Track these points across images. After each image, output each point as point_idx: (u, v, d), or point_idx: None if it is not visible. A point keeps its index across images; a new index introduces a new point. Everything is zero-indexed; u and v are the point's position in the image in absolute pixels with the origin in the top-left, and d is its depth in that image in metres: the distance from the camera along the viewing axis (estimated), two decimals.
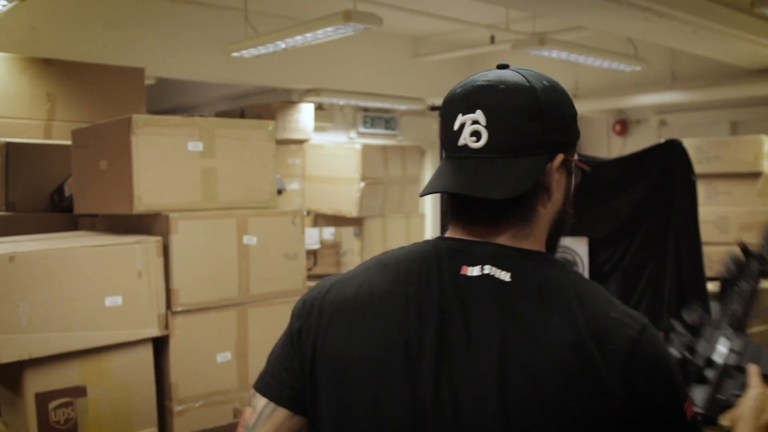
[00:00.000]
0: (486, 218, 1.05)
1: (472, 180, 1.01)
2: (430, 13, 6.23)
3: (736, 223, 4.92)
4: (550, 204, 1.07)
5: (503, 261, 1.02)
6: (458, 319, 0.99)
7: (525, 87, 1.03)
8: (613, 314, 0.98)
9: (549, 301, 0.98)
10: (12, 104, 3.59)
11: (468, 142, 1.02)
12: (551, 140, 1.03)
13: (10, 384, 2.12)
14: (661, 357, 0.98)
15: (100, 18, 5.61)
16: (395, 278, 1.06)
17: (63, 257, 2.09)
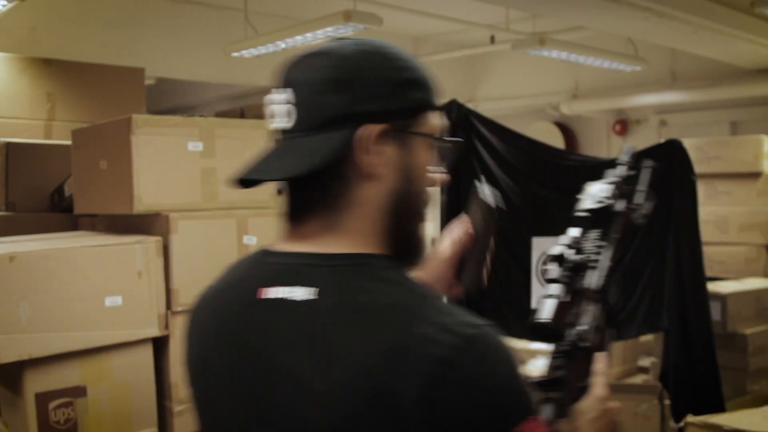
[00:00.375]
0: (295, 211, 0.95)
1: (265, 164, 0.93)
2: (430, 13, 6.23)
3: (736, 223, 4.92)
4: (376, 185, 0.92)
5: (301, 275, 0.90)
6: (253, 357, 0.89)
7: (332, 55, 0.93)
8: (425, 329, 0.81)
9: (352, 321, 0.84)
10: (12, 104, 3.59)
11: (282, 122, 0.94)
12: (360, 111, 0.90)
13: (10, 384, 2.12)
14: (485, 378, 0.81)
15: (100, 18, 5.61)
16: (212, 301, 1.00)
17: (63, 257, 2.09)
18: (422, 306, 0.85)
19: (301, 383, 0.84)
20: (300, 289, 0.88)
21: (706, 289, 3.46)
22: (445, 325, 0.82)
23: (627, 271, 3.60)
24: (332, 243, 0.91)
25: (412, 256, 0.98)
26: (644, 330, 3.69)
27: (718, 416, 2.62)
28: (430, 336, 0.81)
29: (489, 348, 0.83)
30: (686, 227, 3.44)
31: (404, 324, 0.82)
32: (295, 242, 0.94)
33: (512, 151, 3.66)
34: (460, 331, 0.82)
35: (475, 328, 0.83)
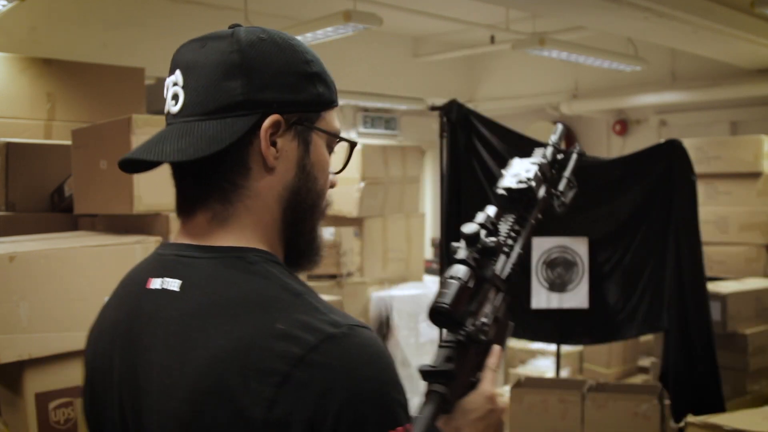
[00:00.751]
0: (187, 199, 0.91)
1: (153, 145, 0.88)
2: (430, 13, 6.23)
3: (736, 223, 4.92)
4: (272, 178, 0.88)
5: (180, 266, 0.88)
6: (136, 349, 0.88)
7: (228, 40, 0.88)
8: (286, 326, 0.78)
9: (213, 314, 0.82)
10: (12, 104, 3.59)
11: (170, 107, 0.90)
12: (259, 99, 0.86)
13: (10, 384, 2.12)
14: (341, 381, 0.75)
15: (100, 18, 5.61)
16: (115, 297, 0.99)
17: (63, 257, 2.09)
18: (292, 302, 0.81)
19: (162, 375, 0.83)
20: (174, 280, 0.87)
21: (706, 289, 3.46)
22: (309, 324, 0.78)
23: (627, 271, 3.60)
24: (219, 236, 0.88)
25: (307, 255, 0.95)
26: (644, 330, 3.69)
27: (718, 416, 2.62)
28: (288, 333, 0.77)
29: (352, 349, 0.77)
30: (686, 227, 3.44)
31: (266, 320, 0.79)
32: (185, 235, 0.91)
33: (512, 151, 3.65)
34: (324, 329, 0.78)
35: (343, 327, 0.78)
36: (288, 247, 0.92)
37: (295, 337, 0.77)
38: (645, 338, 4.61)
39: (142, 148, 0.88)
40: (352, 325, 0.80)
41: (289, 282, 0.84)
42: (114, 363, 0.91)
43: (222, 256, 0.86)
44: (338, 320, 0.80)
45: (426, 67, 7.93)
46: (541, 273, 3.67)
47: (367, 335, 0.80)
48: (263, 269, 0.85)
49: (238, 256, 0.86)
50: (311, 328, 0.78)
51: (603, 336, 3.79)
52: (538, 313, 3.68)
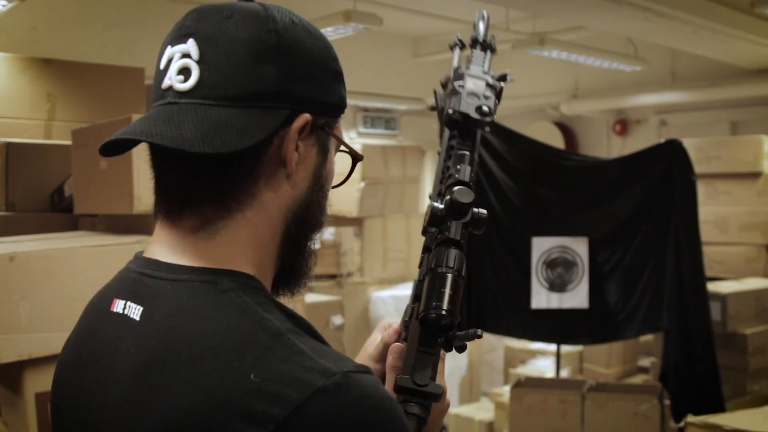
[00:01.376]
0: (174, 198, 0.75)
1: (165, 125, 0.71)
2: (430, 13, 6.23)
3: (736, 223, 4.92)
4: (287, 186, 0.75)
5: (143, 288, 0.73)
6: (90, 384, 0.75)
7: (260, 16, 0.74)
8: (263, 379, 0.62)
9: (177, 356, 0.66)
10: (12, 104, 3.59)
11: (174, 82, 0.73)
12: (291, 92, 0.73)
13: (10, 384, 2.12)
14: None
15: (100, 18, 5.61)
16: (83, 314, 0.85)
17: (63, 257, 2.09)
18: (270, 346, 0.65)
19: (116, 422, 0.70)
20: (136, 306, 0.73)
21: (706, 289, 3.47)
22: (291, 374, 0.62)
23: (627, 271, 3.60)
24: (202, 250, 0.73)
25: (300, 276, 0.82)
26: (644, 330, 3.70)
27: (718, 416, 2.62)
28: (265, 388, 0.62)
29: (349, 406, 0.62)
30: (686, 227, 3.44)
31: (236, 369, 0.63)
32: (159, 244, 0.76)
33: (512, 151, 3.66)
34: (311, 381, 0.62)
35: (336, 376, 0.63)
36: (281, 268, 0.79)
37: (274, 393, 0.62)
38: (645, 338, 4.61)
39: (143, 127, 0.72)
40: (347, 372, 0.63)
41: (268, 317, 0.68)
42: (70, 388, 0.80)
43: (190, 280, 0.71)
44: (329, 367, 0.63)
45: (426, 67, 7.93)
46: (541, 273, 3.67)
47: (366, 384, 0.64)
48: (238, 300, 0.69)
49: (210, 280, 0.70)
50: (294, 380, 0.62)
51: (603, 336, 3.79)
52: (538, 313, 3.68)
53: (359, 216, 5.54)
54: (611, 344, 4.67)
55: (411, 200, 6.05)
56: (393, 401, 0.66)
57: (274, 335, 0.66)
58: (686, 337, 3.39)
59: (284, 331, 0.67)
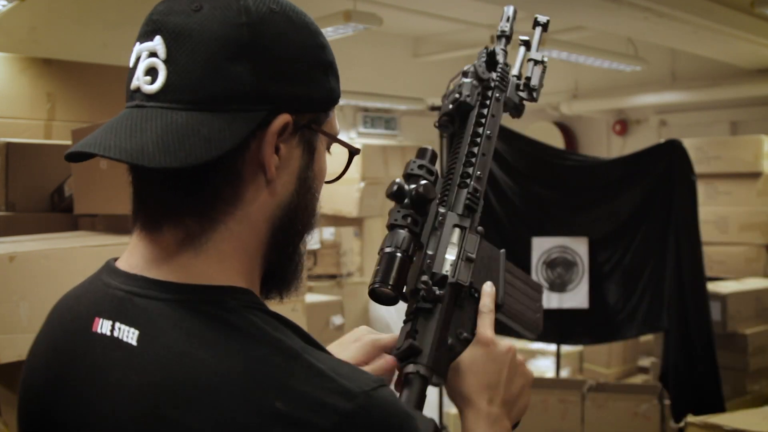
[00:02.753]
0: (152, 209, 0.71)
1: (126, 137, 0.65)
2: (430, 13, 6.23)
3: (736, 223, 4.92)
4: (266, 192, 0.70)
5: (135, 308, 0.68)
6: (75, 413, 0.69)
7: (232, 7, 0.68)
8: (292, 406, 0.61)
9: (188, 391, 0.62)
10: (12, 104, 3.59)
11: (141, 83, 0.68)
12: (267, 91, 0.68)
13: (10, 384, 2.12)
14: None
15: (100, 18, 5.61)
16: (54, 318, 0.78)
17: (63, 257, 2.09)
18: (290, 369, 0.63)
19: None
20: (129, 329, 0.67)
21: (706, 289, 3.47)
22: (316, 399, 0.61)
23: (627, 271, 3.61)
24: (190, 265, 0.68)
25: (289, 282, 0.78)
26: (644, 330, 3.70)
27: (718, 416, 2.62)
28: (291, 415, 0.60)
29: (371, 428, 0.62)
30: (686, 227, 3.44)
31: (258, 397, 0.61)
32: (139, 257, 0.71)
33: (512, 151, 3.66)
34: (337, 406, 0.61)
35: (359, 397, 0.62)
36: (267, 274, 0.75)
37: (301, 420, 0.60)
38: (645, 338, 4.61)
39: (104, 138, 0.67)
40: (368, 392, 0.63)
41: (279, 337, 0.65)
42: (46, 413, 0.73)
43: (190, 300, 0.66)
44: (350, 387, 0.62)
45: (426, 67, 7.93)
46: (541, 273, 3.67)
47: (386, 401, 0.64)
48: (247, 322, 0.65)
49: (213, 300, 0.66)
50: (320, 405, 0.61)
51: (603, 336, 3.79)
52: None
53: (359, 216, 5.54)
54: (611, 344, 4.67)
55: None
56: (411, 415, 0.66)
57: (290, 357, 0.64)
58: (686, 337, 3.39)
59: (299, 352, 0.64)
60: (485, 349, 0.84)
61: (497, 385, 0.83)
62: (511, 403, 0.84)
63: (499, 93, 1.03)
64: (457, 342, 0.85)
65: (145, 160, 0.64)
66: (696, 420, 2.59)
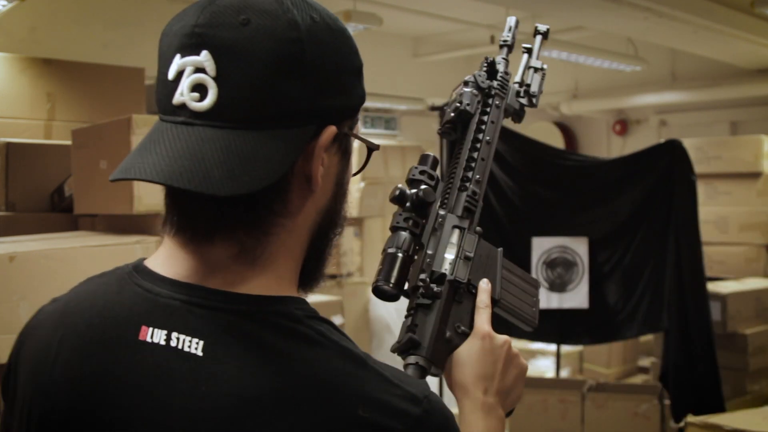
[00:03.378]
0: (203, 224, 0.69)
1: (188, 162, 0.64)
2: (430, 13, 6.23)
3: (736, 223, 4.93)
4: (313, 199, 0.72)
5: (193, 317, 0.66)
6: (131, 423, 0.65)
7: (281, 21, 0.66)
8: (364, 413, 0.63)
9: (270, 402, 0.63)
10: (12, 104, 3.59)
11: (187, 99, 0.66)
12: (317, 107, 0.68)
13: None
14: None
15: (100, 18, 5.62)
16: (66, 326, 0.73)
17: (63, 257, 2.09)
18: (364, 377, 0.66)
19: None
20: (191, 339, 0.65)
21: (706, 289, 3.47)
22: (390, 405, 0.65)
23: (627, 271, 3.61)
24: (248, 279, 0.68)
25: (317, 281, 0.79)
26: (644, 330, 3.70)
27: (718, 416, 2.62)
28: (374, 422, 0.63)
29: (437, 429, 0.68)
30: (686, 227, 3.44)
31: (341, 405, 0.63)
32: (189, 268, 0.69)
33: (512, 151, 3.66)
34: (409, 411, 0.65)
35: (423, 403, 0.67)
36: (301, 274, 0.76)
37: (382, 426, 0.63)
38: (645, 338, 4.61)
39: (158, 161, 0.65)
40: (428, 396, 0.68)
41: (347, 346, 0.67)
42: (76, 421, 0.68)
43: (256, 311, 0.66)
44: (415, 393, 0.67)
45: (426, 67, 7.93)
46: (541, 273, 3.67)
47: (441, 404, 0.69)
48: (315, 331, 0.67)
49: (278, 311, 0.67)
50: (395, 410, 0.65)
51: (603, 336, 3.79)
52: None
53: (359, 216, 5.54)
54: (611, 344, 4.67)
55: None
56: (453, 414, 0.71)
57: (361, 366, 0.66)
58: (686, 337, 3.39)
59: (365, 360, 0.67)
60: (482, 341, 0.88)
61: (493, 375, 0.87)
62: (505, 393, 0.88)
63: (499, 100, 1.09)
64: (455, 335, 0.90)
65: (214, 188, 0.63)
66: (696, 420, 2.59)
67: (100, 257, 2.15)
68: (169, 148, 0.65)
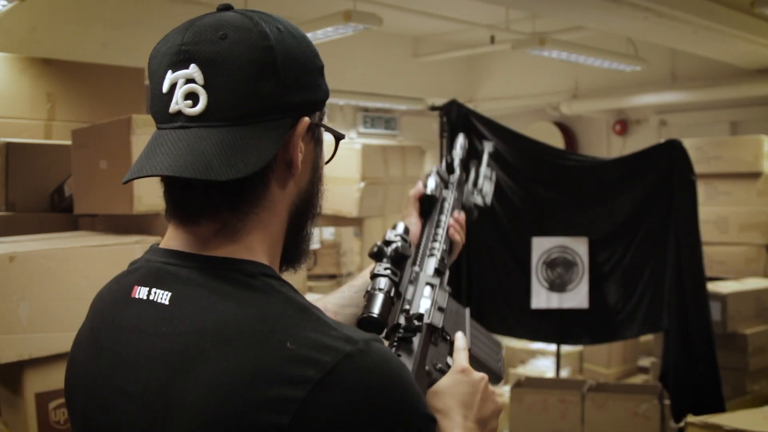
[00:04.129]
0: (193, 208, 0.81)
1: (191, 157, 0.76)
2: (430, 13, 6.23)
3: (736, 223, 4.92)
4: (293, 182, 0.84)
5: (168, 275, 0.80)
6: (112, 360, 0.81)
7: (254, 33, 0.79)
8: (299, 348, 0.71)
9: (213, 336, 0.73)
10: (12, 104, 3.59)
11: (182, 107, 0.78)
12: (291, 101, 0.81)
13: (10, 384, 2.12)
14: (366, 401, 0.70)
15: (100, 18, 5.62)
16: (100, 295, 0.91)
17: (63, 257, 2.09)
18: (299, 318, 0.74)
19: (148, 403, 0.75)
20: (163, 292, 0.79)
21: (706, 289, 3.46)
22: (322, 342, 0.71)
23: (627, 271, 3.60)
24: (223, 248, 0.80)
25: (300, 258, 0.91)
26: (644, 330, 3.70)
27: (718, 416, 2.62)
28: (300, 354, 0.70)
29: (372, 368, 0.72)
30: (686, 227, 3.44)
31: (273, 340, 0.71)
32: (177, 243, 0.84)
33: (512, 151, 3.66)
34: (339, 347, 0.71)
35: (359, 343, 0.72)
36: (283, 252, 0.87)
37: (309, 358, 0.70)
38: (645, 338, 4.61)
39: (164, 159, 0.77)
40: (367, 340, 0.73)
41: (292, 295, 0.77)
42: (89, 376, 0.85)
43: (215, 267, 0.78)
44: (352, 335, 0.73)
45: (426, 67, 7.94)
46: (541, 273, 3.67)
47: (384, 350, 0.74)
48: (263, 283, 0.77)
49: (234, 268, 0.78)
50: (325, 346, 0.71)
51: (603, 336, 3.79)
52: (538, 313, 3.68)
53: (359, 216, 5.54)
54: (611, 344, 4.67)
55: None
56: (406, 367, 0.77)
57: (301, 309, 0.75)
58: (686, 337, 3.39)
59: (308, 307, 0.76)
60: (461, 375, 0.97)
61: (472, 405, 0.94)
62: (483, 423, 0.94)
63: (456, 190, 1.40)
64: (434, 370, 0.99)
65: (216, 175, 0.75)
66: (696, 420, 2.59)
67: (100, 257, 2.15)
68: (173, 149, 0.77)
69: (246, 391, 0.69)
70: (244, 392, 0.69)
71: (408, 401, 0.73)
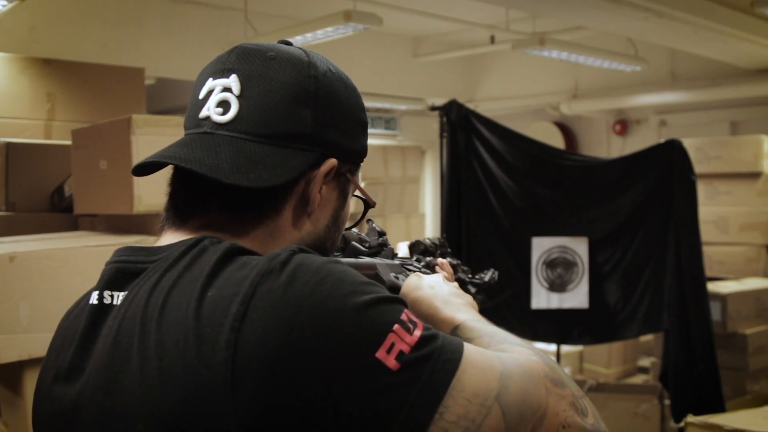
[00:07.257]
0: (187, 205, 0.80)
1: (204, 154, 0.75)
2: (430, 13, 6.23)
3: (736, 223, 4.92)
4: (308, 224, 0.81)
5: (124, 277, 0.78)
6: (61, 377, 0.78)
7: (302, 61, 0.79)
8: (211, 293, 0.69)
9: (145, 308, 0.72)
10: (12, 104, 3.59)
11: (212, 113, 0.78)
12: (322, 136, 0.79)
13: (10, 384, 2.12)
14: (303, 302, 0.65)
15: (100, 18, 5.61)
16: None
17: (63, 257, 2.09)
18: (224, 263, 0.71)
19: (99, 387, 0.73)
20: (117, 293, 0.78)
21: (706, 289, 3.47)
22: (241, 276, 0.69)
23: (627, 271, 3.61)
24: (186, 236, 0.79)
25: None
26: (644, 330, 3.70)
27: (718, 416, 2.62)
28: (221, 294, 0.68)
29: (292, 272, 0.68)
30: (686, 227, 3.44)
31: (199, 289, 0.69)
32: (168, 237, 0.82)
33: (512, 151, 3.66)
34: (259, 267, 0.68)
35: (277, 257, 0.69)
36: None
37: (231, 294, 0.67)
38: (645, 338, 4.61)
39: (183, 153, 0.76)
40: (291, 251, 0.70)
41: (225, 245, 0.74)
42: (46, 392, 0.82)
43: (163, 257, 0.76)
44: (274, 253, 0.70)
45: (426, 67, 7.93)
46: (541, 273, 3.67)
47: (308, 254, 0.71)
48: (203, 245, 0.74)
49: (191, 242, 0.76)
50: (243, 278, 0.68)
51: (603, 336, 3.79)
52: (538, 313, 3.68)
53: None
54: (611, 344, 4.67)
55: (411, 200, 6.05)
56: (337, 261, 0.73)
57: (227, 255, 0.72)
58: (686, 337, 3.39)
59: (237, 253, 0.72)
60: (415, 276, 0.98)
61: (435, 285, 0.95)
62: (458, 294, 0.95)
63: None
64: None
65: (222, 176, 0.74)
66: (696, 420, 2.59)
67: (100, 257, 2.15)
68: (190, 147, 0.77)
69: (183, 356, 0.66)
70: (183, 359, 0.66)
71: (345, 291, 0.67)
